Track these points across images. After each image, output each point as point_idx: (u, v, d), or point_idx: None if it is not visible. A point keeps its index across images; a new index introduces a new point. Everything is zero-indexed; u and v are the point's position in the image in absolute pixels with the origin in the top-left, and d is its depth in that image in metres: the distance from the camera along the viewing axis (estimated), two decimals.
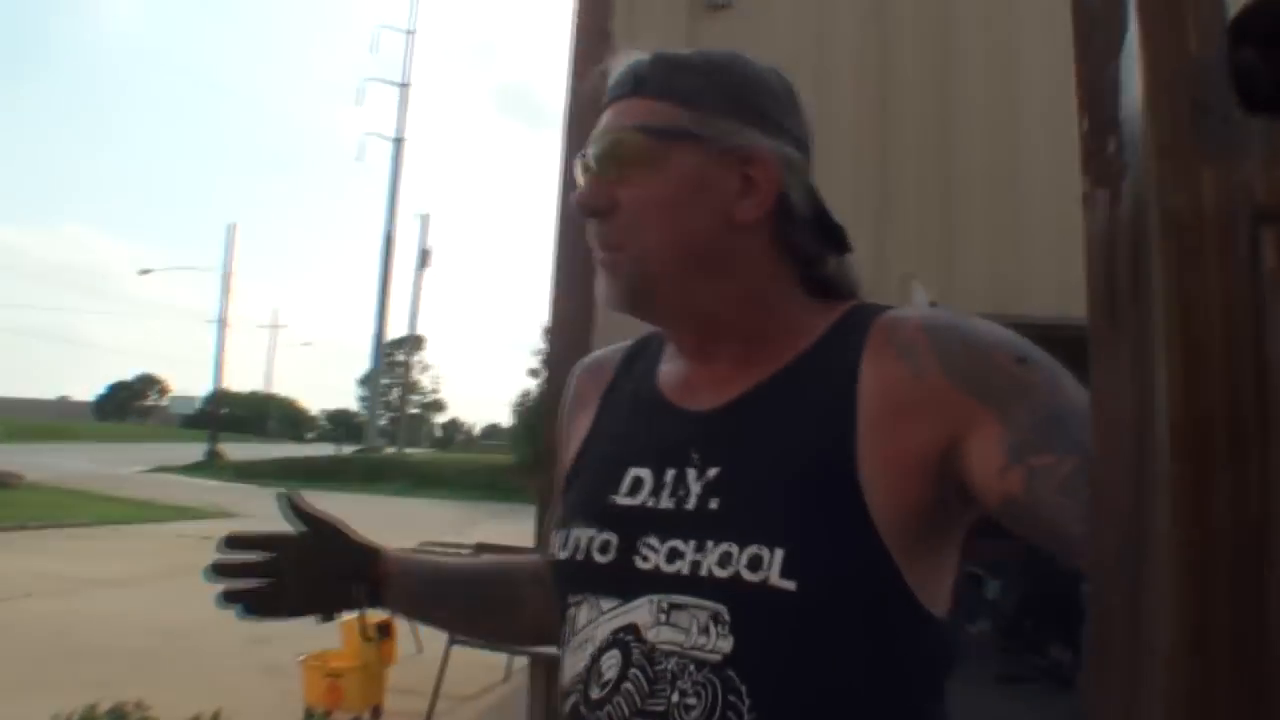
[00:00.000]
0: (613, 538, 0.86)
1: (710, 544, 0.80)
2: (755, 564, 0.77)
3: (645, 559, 0.83)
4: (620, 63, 0.91)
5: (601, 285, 0.90)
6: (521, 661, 5.15)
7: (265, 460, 33.72)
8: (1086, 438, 0.59)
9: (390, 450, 43.23)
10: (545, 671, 3.70)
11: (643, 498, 0.86)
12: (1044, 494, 0.70)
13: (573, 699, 0.85)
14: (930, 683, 0.86)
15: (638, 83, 0.88)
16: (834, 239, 0.91)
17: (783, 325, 0.89)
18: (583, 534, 0.89)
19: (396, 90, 46.12)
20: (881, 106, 4.20)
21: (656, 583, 0.82)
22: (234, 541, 1.09)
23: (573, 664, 0.87)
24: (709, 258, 0.87)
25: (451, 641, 4.27)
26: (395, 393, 55.47)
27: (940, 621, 0.83)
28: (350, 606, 1.11)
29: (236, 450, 37.71)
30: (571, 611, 0.89)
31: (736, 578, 0.78)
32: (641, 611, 0.82)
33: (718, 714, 0.76)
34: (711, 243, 0.86)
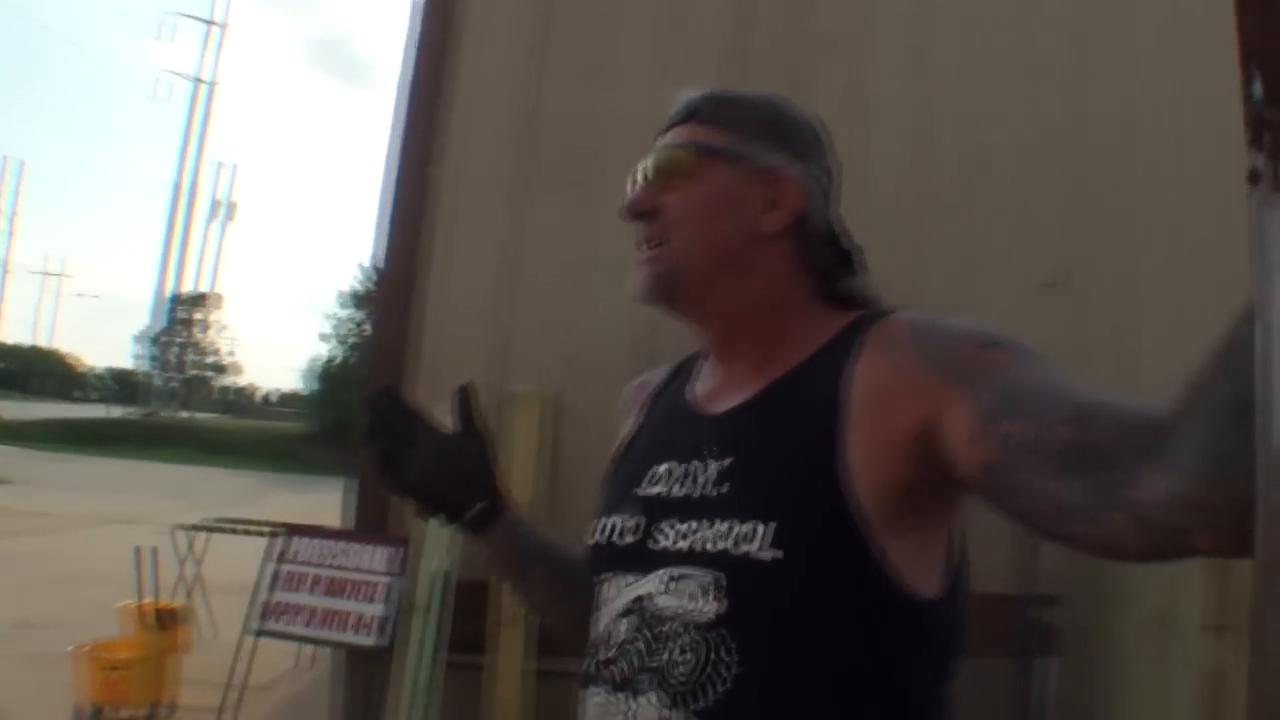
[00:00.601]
0: (637, 521, 0.99)
1: (715, 522, 0.91)
2: (748, 537, 0.88)
3: (662, 538, 0.95)
4: (680, 97, 1.07)
5: (638, 278, 1.03)
6: (320, 650, 4.82)
7: (31, 421, 31.11)
8: (1050, 406, 0.75)
9: (176, 414, 40.75)
10: (351, 661, 3.49)
11: (661, 487, 0.99)
12: (1014, 455, 0.76)
13: (589, 661, 0.98)
14: (920, 662, 0.92)
15: (690, 112, 1.05)
16: (849, 258, 1.05)
17: (795, 330, 1.01)
18: (611, 520, 1.02)
19: (204, 28, 43.09)
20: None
21: (669, 558, 0.94)
22: (392, 394, 1.18)
23: (596, 628, 1.00)
24: (734, 261, 1.01)
25: (251, 630, 3.90)
26: (182, 352, 52.11)
27: (930, 601, 0.89)
28: (460, 518, 1.16)
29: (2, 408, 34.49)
30: (600, 588, 1.02)
31: (732, 549, 0.89)
32: (653, 581, 0.94)
33: (708, 669, 0.87)
34: (738, 248, 1.01)
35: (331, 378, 32.22)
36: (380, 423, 1.15)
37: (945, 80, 4.20)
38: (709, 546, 0.90)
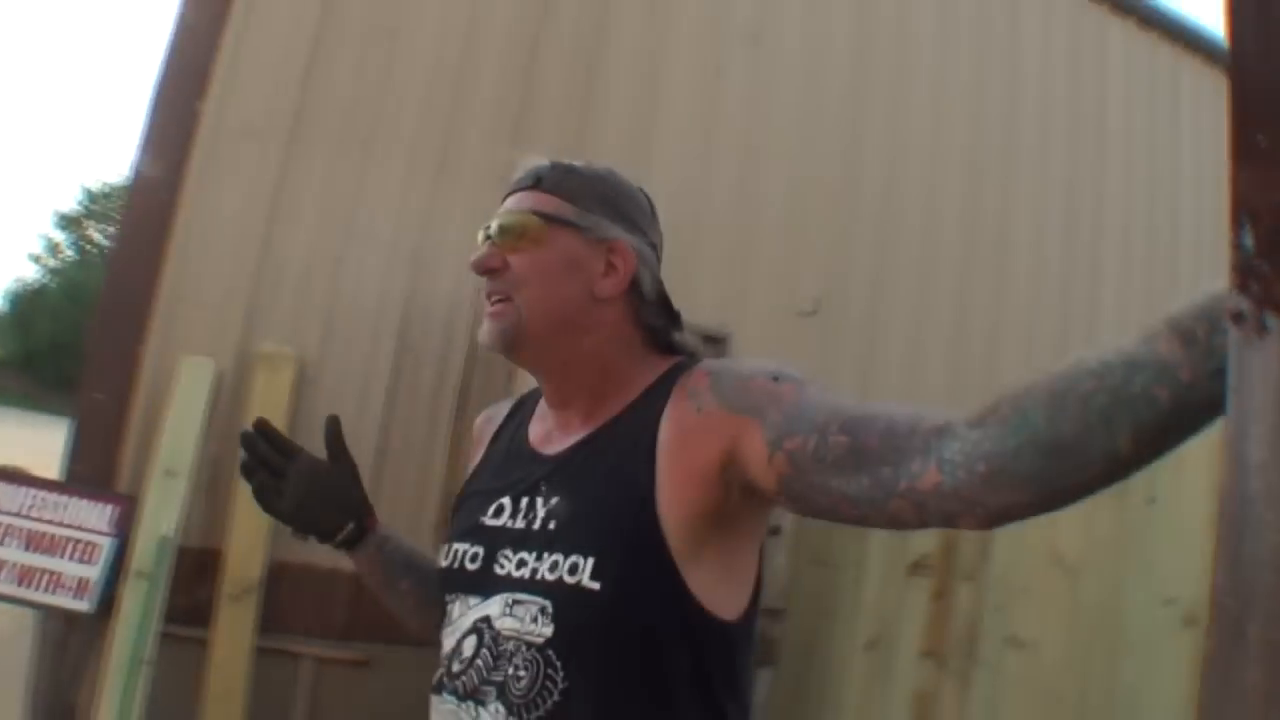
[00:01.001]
0: (480, 549, 1.11)
1: (546, 554, 1.03)
2: (574, 569, 1.00)
3: (502, 566, 1.07)
4: (526, 164, 1.19)
5: (485, 328, 1.13)
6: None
7: None
8: (826, 421, 0.91)
9: None
10: (52, 625, 3.17)
11: (503, 520, 1.11)
12: (802, 465, 0.91)
13: (439, 672, 1.10)
14: (725, 676, 1.05)
15: (537, 179, 1.16)
16: (676, 317, 1.18)
17: (623, 379, 1.12)
18: (459, 547, 1.14)
19: None
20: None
21: (508, 584, 1.06)
22: (263, 430, 1.27)
23: (445, 646, 1.11)
24: (573, 320, 1.12)
25: None
26: None
27: (732, 623, 1.04)
28: (332, 537, 1.29)
29: None
30: (449, 607, 1.13)
31: (560, 580, 1.01)
32: (494, 605, 1.06)
33: (540, 684, 0.99)
34: (576, 309, 1.11)
35: (29, 301, 28.98)
36: (254, 459, 1.26)
37: (724, 114, 4.39)
38: (543, 575, 1.02)
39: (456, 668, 1.07)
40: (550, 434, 1.16)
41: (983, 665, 3.27)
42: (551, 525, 1.06)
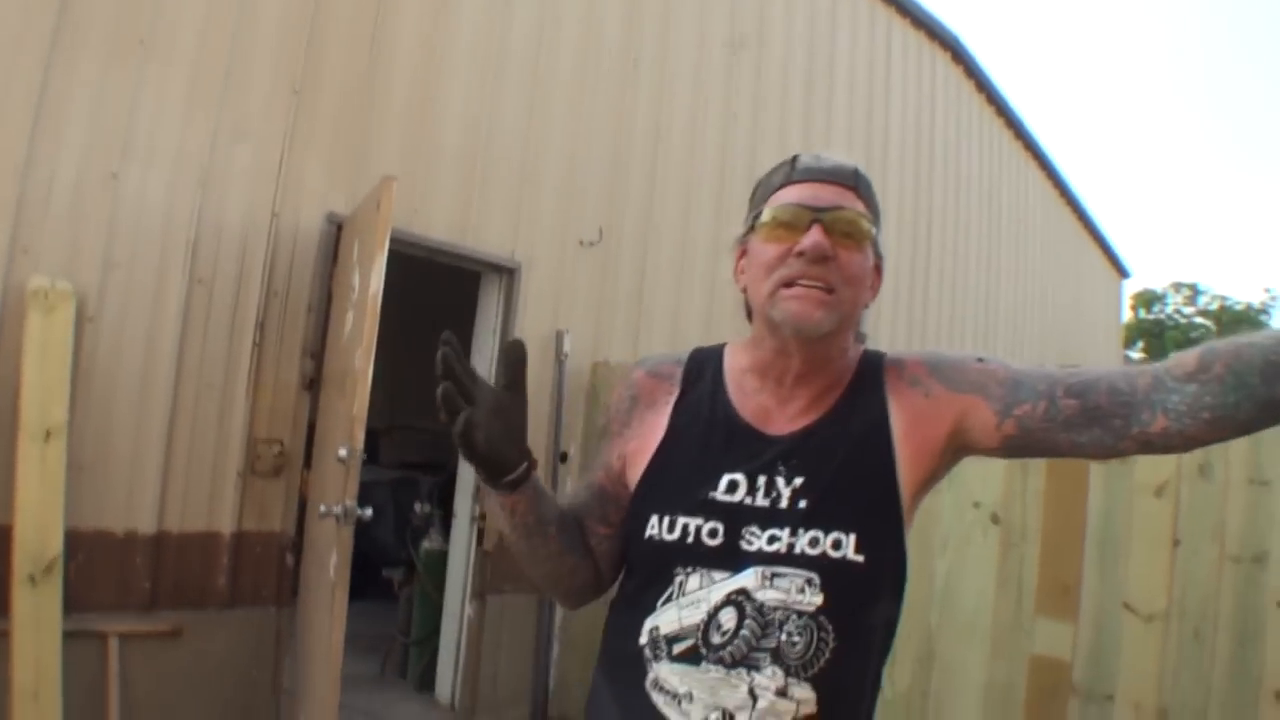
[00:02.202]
0: (719, 525, 1.17)
1: (803, 530, 1.14)
2: (837, 545, 1.13)
3: (749, 542, 1.15)
4: (818, 158, 1.24)
5: (807, 311, 1.16)
6: None
7: None
8: (1049, 389, 1.13)
9: None
10: None
11: (740, 496, 1.18)
12: (1032, 426, 1.14)
13: (689, 642, 1.14)
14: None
15: (855, 181, 1.22)
16: None
17: (842, 370, 1.25)
18: (689, 521, 1.18)
19: None
20: None
21: (760, 559, 1.14)
22: (455, 348, 1.12)
23: (687, 617, 1.16)
24: (853, 321, 1.22)
25: None
26: None
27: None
28: (511, 474, 1.18)
29: None
30: (680, 579, 1.17)
31: (824, 554, 1.13)
32: (749, 578, 1.14)
33: (814, 646, 1.12)
34: (859, 312, 1.22)
35: None
36: (456, 386, 1.12)
37: (512, 46, 4.33)
38: (803, 550, 1.13)
39: (718, 639, 1.13)
40: (769, 412, 1.23)
41: None
42: (802, 504, 1.15)
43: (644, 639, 1.18)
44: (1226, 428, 1.03)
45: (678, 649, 1.15)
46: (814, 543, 1.14)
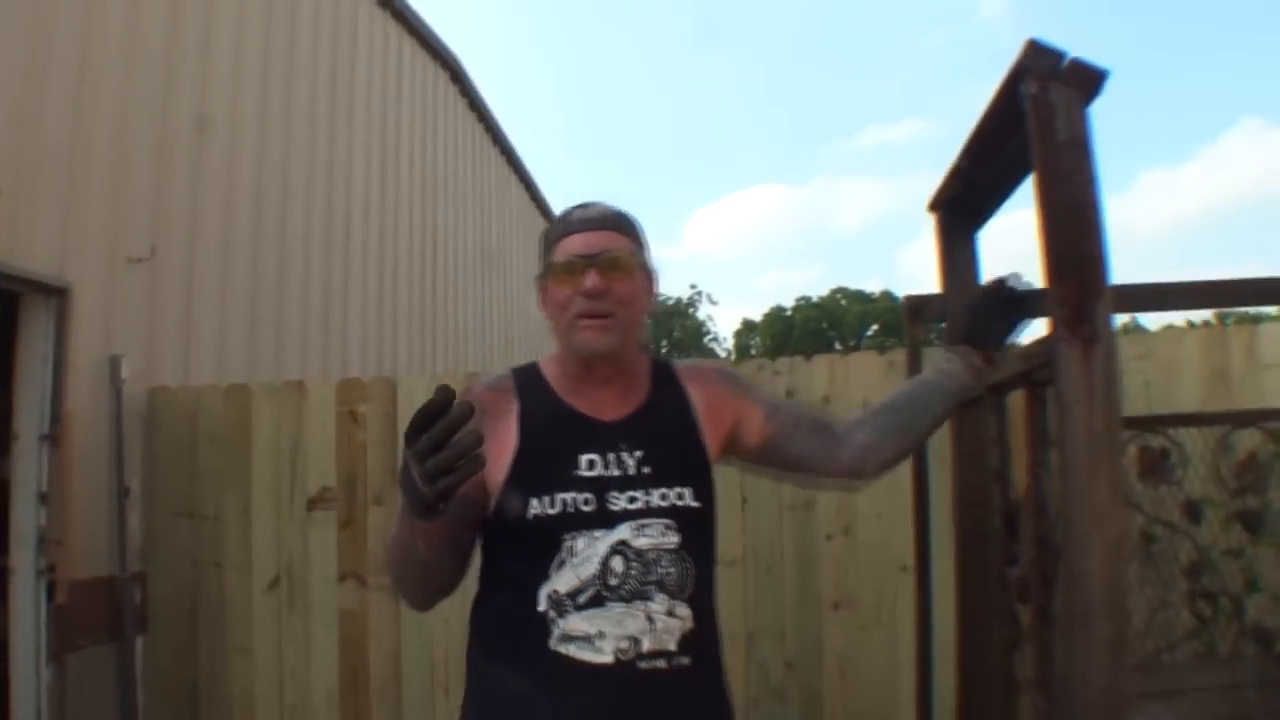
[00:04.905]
0: (590, 495, 1.44)
1: (653, 489, 1.47)
2: (680, 496, 1.48)
3: (616, 504, 1.45)
4: (586, 208, 1.54)
5: (593, 338, 1.47)
6: None
7: None
8: (790, 405, 1.71)
9: None
10: None
11: (599, 470, 1.47)
12: (785, 429, 1.61)
13: (591, 591, 1.41)
14: None
15: (618, 223, 1.53)
16: None
17: (639, 369, 1.59)
18: (565, 496, 1.44)
19: None
20: None
21: (627, 515, 1.44)
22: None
23: (583, 572, 1.42)
24: (639, 327, 1.55)
25: None
26: None
27: None
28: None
29: None
30: (569, 544, 1.42)
31: (673, 505, 1.47)
32: (624, 531, 1.44)
33: (684, 574, 1.45)
34: (642, 324, 1.56)
35: None
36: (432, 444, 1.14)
37: (57, 39, 3.87)
38: (657, 504, 1.46)
39: (614, 582, 1.41)
40: (599, 404, 1.52)
41: None
42: (646, 470, 1.47)
43: (544, 604, 1.41)
44: (886, 465, 1.63)
45: (582, 599, 1.41)
46: (664, 497, 1.46)
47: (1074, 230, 1.33)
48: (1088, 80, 1.35)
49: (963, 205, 2.00)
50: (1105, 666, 1.25)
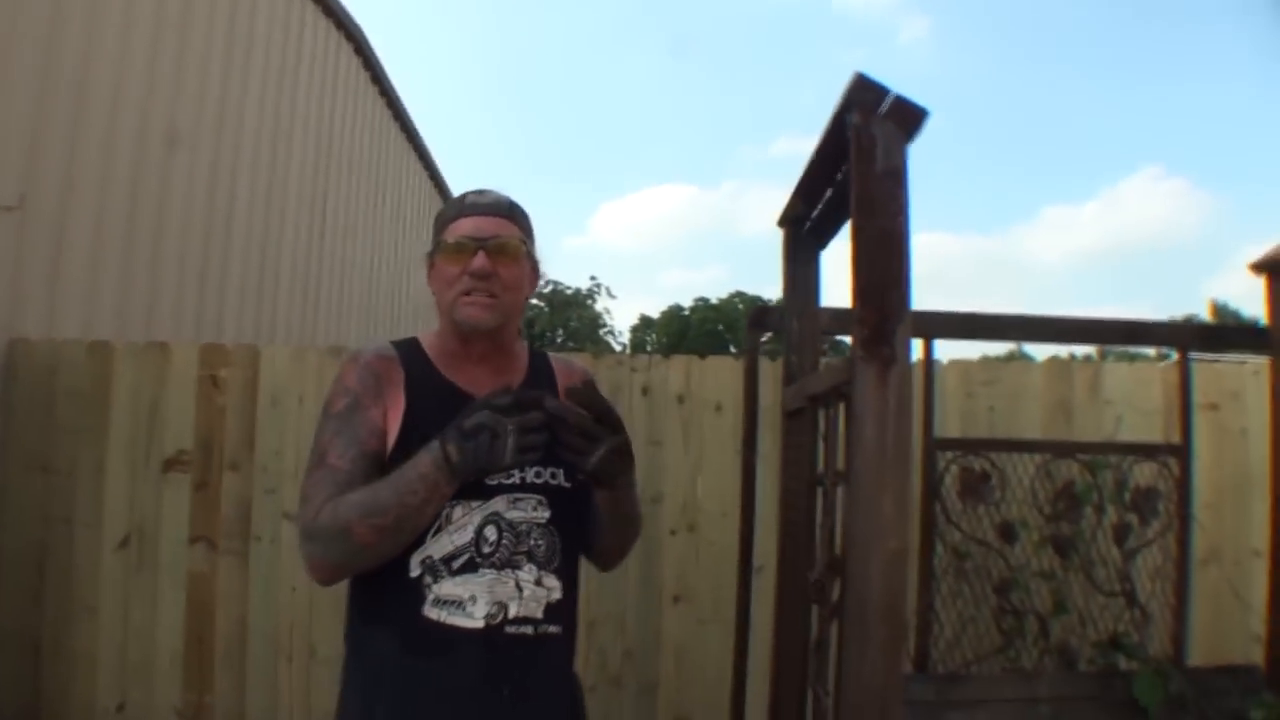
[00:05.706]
0: None
1: (528, 467, 1.53)
2: (555, 476, 1.57)
3: (493, 478, 1.51)
4: (481, 194, 1.62)
5: (476, 314, 1.56)
6: None
7: None
8: None
9: None
10: None
11: None
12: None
13: (465, 557, 1.50)
14: None
15: (510, 212, 1.62)
16: None
17: (519, 351, 1.70)
18: None
19: None
20: None
21: (503, 489, 1.54)
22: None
23: (458, 539, 1.51)
24: (520, 313, 1.67)
25: None
26: None
27: None
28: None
29: None
30: (446, 511, 1.50)
31: (546, 483, 1.57)
32: (498, 503, 1.54)
33: (553, 547, 1.56)
34: (522, 306, 1.67)
35: None
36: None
37: None
38: (531, 481, 1.55)
39: (487, 549, 1.51)
40: (477, 381, 1.58)
41: (257, 540, 3.85)
42: None
43: (417, 570, 1.49)
44: (615, 556, 1.77)
45: (456, 564, 1.50)
46: (538, 475, 1.56)
47: (882, 256, 1.38)
48: (909, 118, 1.41)
49: (805, 224, 2.07)
50: (879, 667, 1.33)
